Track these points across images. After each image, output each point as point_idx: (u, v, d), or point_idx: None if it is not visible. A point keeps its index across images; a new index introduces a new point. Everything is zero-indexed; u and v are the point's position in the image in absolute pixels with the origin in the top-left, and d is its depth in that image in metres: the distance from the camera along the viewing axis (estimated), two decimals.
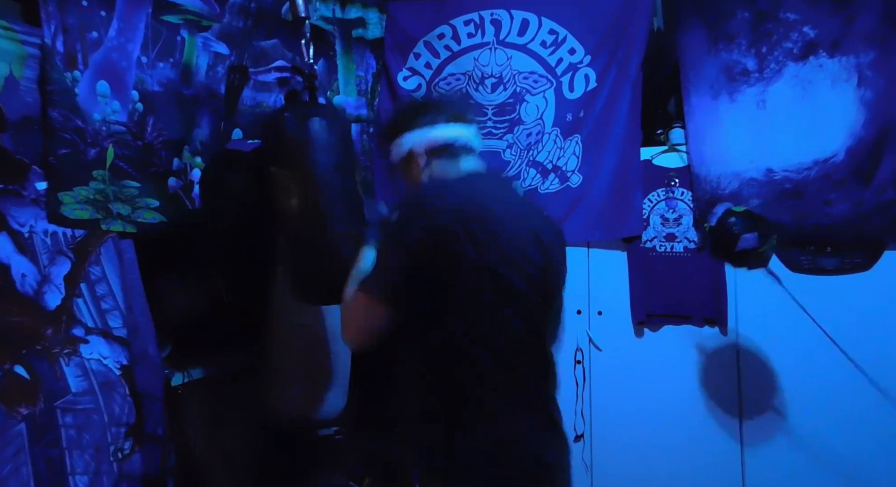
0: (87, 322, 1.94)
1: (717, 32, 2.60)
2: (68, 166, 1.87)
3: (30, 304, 1.79)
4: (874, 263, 2.42)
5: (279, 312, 2.26)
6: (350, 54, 3.04)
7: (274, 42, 2.69)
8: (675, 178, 2.68)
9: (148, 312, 2.11)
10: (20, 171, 1.77)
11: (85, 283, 1.94)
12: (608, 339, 2.73)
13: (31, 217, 1.80)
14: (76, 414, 1.89)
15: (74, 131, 1.89)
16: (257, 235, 2.10)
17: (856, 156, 2.39)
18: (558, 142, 2.77)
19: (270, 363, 2.30)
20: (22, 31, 1.77)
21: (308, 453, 2.63)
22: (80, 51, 1.90)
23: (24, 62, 1.77)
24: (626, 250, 2.73)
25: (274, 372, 2.29)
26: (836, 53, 2.44)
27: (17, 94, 1.76)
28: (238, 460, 2.42)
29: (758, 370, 2.52)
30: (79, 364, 1.91)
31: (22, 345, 1.77)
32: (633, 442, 2.63)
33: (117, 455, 2.00)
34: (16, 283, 1.75)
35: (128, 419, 2.03)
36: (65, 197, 1.87)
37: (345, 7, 2.95)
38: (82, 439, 1.90)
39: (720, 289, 2.57)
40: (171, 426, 2.17)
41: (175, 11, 2.21)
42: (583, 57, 2.74)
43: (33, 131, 1.80)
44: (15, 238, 1.75)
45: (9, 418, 1.71)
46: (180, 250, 2.22)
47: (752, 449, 2.50)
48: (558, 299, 1.46)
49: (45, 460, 1.80)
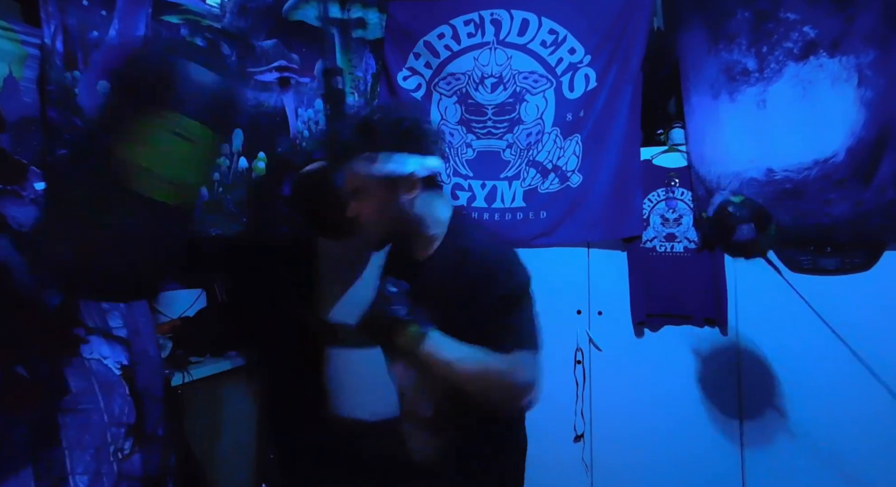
0: (87, 322, 1.94)
1: (718, 32, 2.60)
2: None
3: (30, 304, 1.79)
4: (874, 263, 2.41)
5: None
6: (350, 54, 3.04)
7: (274, 42, 2.69)
8: (675, 178, 2.68)
9: (148, 312, 2.11)
10: (19, 171, 1.77)
11: None
12: (608, 339, 2.73)
13: (31, 217, 1.79)
14: (76, 414, 1.89)
15: (74, 131, 1.88)
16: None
17: (856, 156, 2.39)
18: (558, 142, 2.77)
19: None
20: (22, 32, 1.76)
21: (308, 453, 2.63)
22: (80, 51, 1.90)
23: (23, 62, 1.77)
24: (626, 250, 2.73)
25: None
26: (837, 53, 2.44)
27: (17, 94, 1.76)
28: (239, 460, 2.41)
29: (758, 369, 2.52)
30: (79, 364, 1.91)
31: (22, 345, 1.77)
32: (633, 442, 2.63)
33: (117, 455, 1.99)
34: (16, 283, 1.75)
35: (128, 420, 2.03)
36: None
37: (345, 7, 2.95)
38: (82, 439, 1.90)
39: (720, 289, 2.57)
40: (171, 426, 2.17)
41: (175, 11, 2.21)
42: (583, 57, 2.73)
43: (32, 131, 1.80)
44: (15, 238, 1.75)
45: (9, 418, 1.71)
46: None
47: (752, 449, 2.50)
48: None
49: (45, 460, 1.80)
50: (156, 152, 1.29)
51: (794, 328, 2.48)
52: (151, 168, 1.29)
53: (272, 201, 2.37)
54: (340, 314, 2.14)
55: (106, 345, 1.99)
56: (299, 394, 2.28)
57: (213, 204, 2.28)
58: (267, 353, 2.43)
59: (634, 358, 2.68)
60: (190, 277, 2.47)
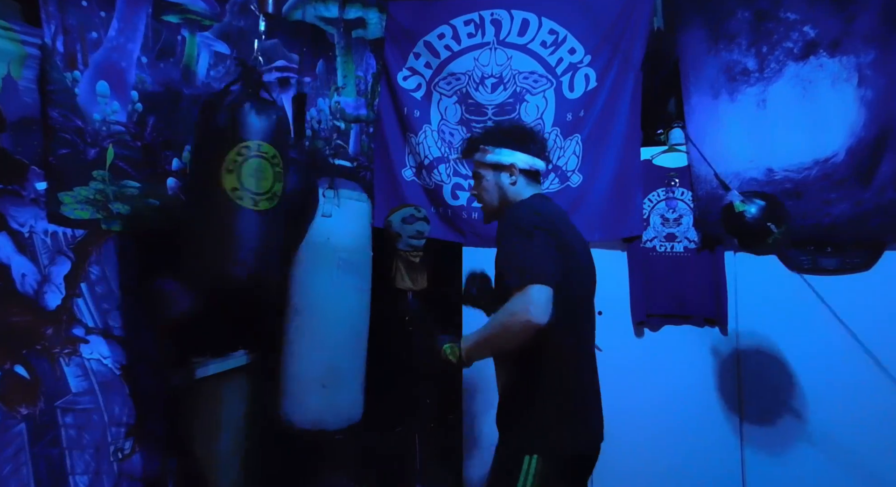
0: (87, 322, 1.94)
1: (718, 32, 2.60)
2: (68, 166, 1.87)
3: (30, 304, 1.79)
4: (874, 263, 2.41)
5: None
6: (350, 54, 3.04)
7: (274, 42, 2.69)
8: (675, 178, 2.68)
9: (149, 312, 2.12)
10: (19, 171, 1.77)
11: (85, 283, 1.94)
12: (608, 339, 2.72)
13: (31, 217, 1.80)
14: (76, 414, 1.89)
15: (74, 131, 1.89)
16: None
17: (856, 156, 2.39)
18: (558, 142, 2.77)
19: (284, 368, 2.29)
20: (22, 32, 1.77)
21: (311, 454, 2.64)
22: (80, 51, 1.90)
23: (23, 62, 1.77)
24: (626, 250, 2.72)
25: (288, 378, 2.28)
26: (837, 53, 2.44)
27: (17, 94, 1.76)
28: (241, 461, 2.41)
29: (758, 369, 2.52)
30: (79, 364, 1.91)
31: (22, 345, 1.77)
32: (633, 442, 2.63)
33: (117, 455, 2.00)
34: (16, 283, 1.75)
35: (128, 420, 2.03)
36: (65, 197, 1.87)
37: (345, 7, 2.95)
38: (82, 439, 1.90)
39: (720, 289, 2.57)
40: (171, 426, 2.17)
41: (175, 11, 2.21)
42: (583, 57, 2.73)
43: (32, 131, 1.80)
44: (15, 238, 1.75)
45: (9, 418, 1.71)
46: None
47: (753, 449, 2.50)
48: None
49: (45, 460, 1.80)
50: (245, 174, 1.77)
51: (794, 328, 2.48)
52: (247, 186, 1.78)
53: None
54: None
55: (106, 345, 1.99)
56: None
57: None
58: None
59: (634, 358, 2.68)
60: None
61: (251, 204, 1.78)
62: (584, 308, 1.74)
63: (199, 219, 1.82)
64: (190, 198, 2.07)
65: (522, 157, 1.78)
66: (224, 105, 1.79)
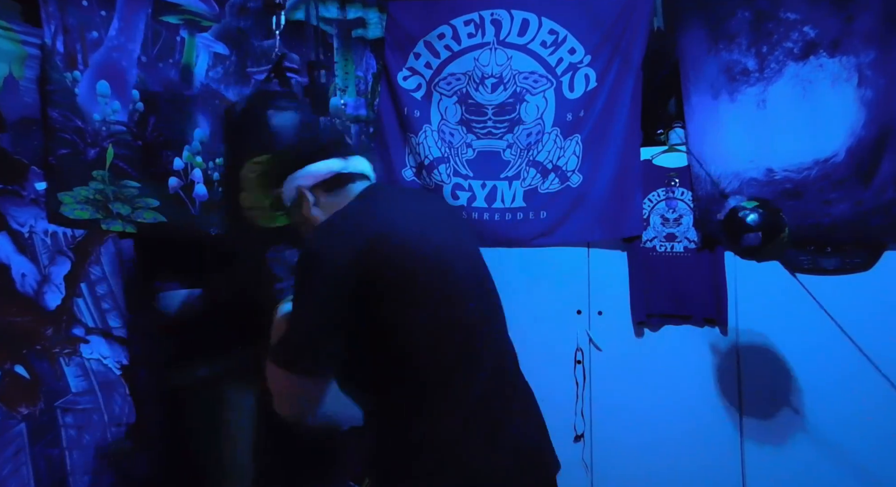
0: (87, 322, 1.94)
1: (718, 32, 2.60)
2: (68, 166, 1.87)
3: (30, 304, 1.79)
4: (874, 263, 2.42)
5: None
6: (350, 54, 3.04)
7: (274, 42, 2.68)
8: (675, 178, 2.68)
9: (149, 312, 2.12)
10: (19, 171, 1.77)
11: (85, 283, 1.94)
12: (608, 339, 2.73)
13: (31, 217, 1.80)
14: (76, 414, 1.89)
15: (74, 131, 1.89)
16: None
17: (856, 156, 2.39)
18: (558, 142, 2.77)
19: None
20: (22, 32, 1.77)
21: (309, 453, 2.63)
22: (80, 51, 1.90)
23: (23, 62, 1.77)
24: (626, 250, 2.73)
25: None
26: (837, 53, 2.44)
27: (17, 94, 1.76)
28: (242, 461, 2.41)
29: (758, 369, 2.52)
30: (79, 364, 1.91)
31: (22, 345, 1.77)
32: (633, 442, 2.63)
33: (117, 455, 2.00)
34: (16, 283, 1.75)
35: (128, 420, 2.04)
36: (65, 197, 1.87)
37: (345, 7, 2.95)
38: (82, 439, 1.90)
39: (720, 289, 2.57)
40: (171, 426, 2.17)
41: (175, 11, 2.21)
42: (583, 57, 2.74)
43: (32, 132, 1.80)
44: (15, 238, 1.75)
45: (9, 418, 1.71)
46: (180, 249, 2.23)
47: (753, 448, 2.50)
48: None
49: (45, 460, 1.80)
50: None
51: (794, 328, 2.48)
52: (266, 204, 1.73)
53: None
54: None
55: (106, 345, 1.99)
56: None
57: (213, 204, 2.28)
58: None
59: (634, 358, 2.68)
60: (190, 277, 2.46)
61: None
62: (465, 326, 1.26)
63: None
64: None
65: (305, 170, 1.38)
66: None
